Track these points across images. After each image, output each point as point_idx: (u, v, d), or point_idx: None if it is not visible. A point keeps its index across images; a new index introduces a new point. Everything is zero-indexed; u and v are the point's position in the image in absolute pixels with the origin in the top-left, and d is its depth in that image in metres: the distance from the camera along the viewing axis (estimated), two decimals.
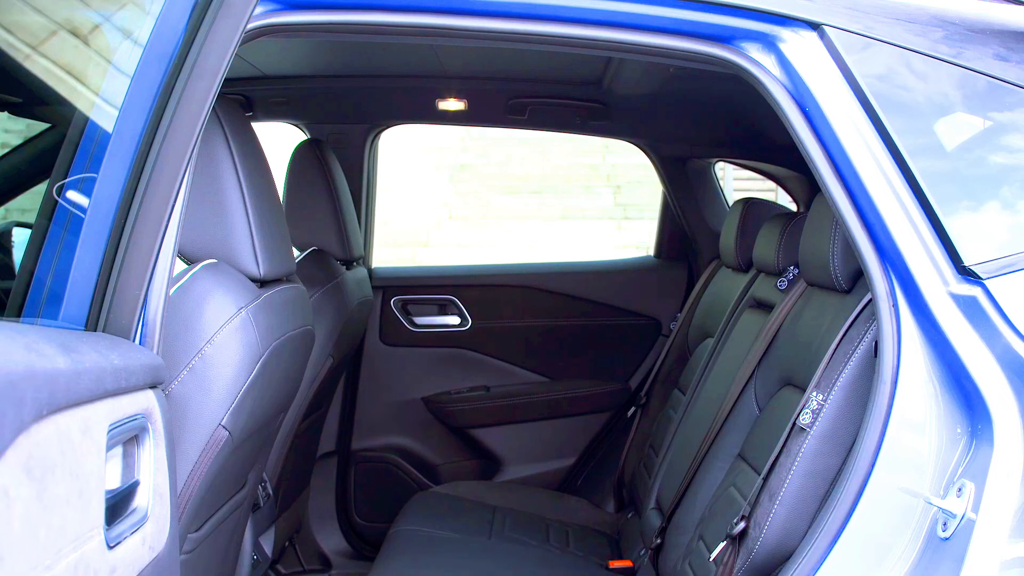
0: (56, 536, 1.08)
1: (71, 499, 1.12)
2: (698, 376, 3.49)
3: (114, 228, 1.72)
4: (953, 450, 1.89)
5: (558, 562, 3.29)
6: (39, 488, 1.04)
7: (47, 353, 1.08)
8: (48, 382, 1.06)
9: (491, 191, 12.46)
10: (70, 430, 1.15)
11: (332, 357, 3.33)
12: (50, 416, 1.09)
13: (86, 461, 1.19)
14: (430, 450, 4.48)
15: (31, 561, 1.00)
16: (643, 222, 11.47)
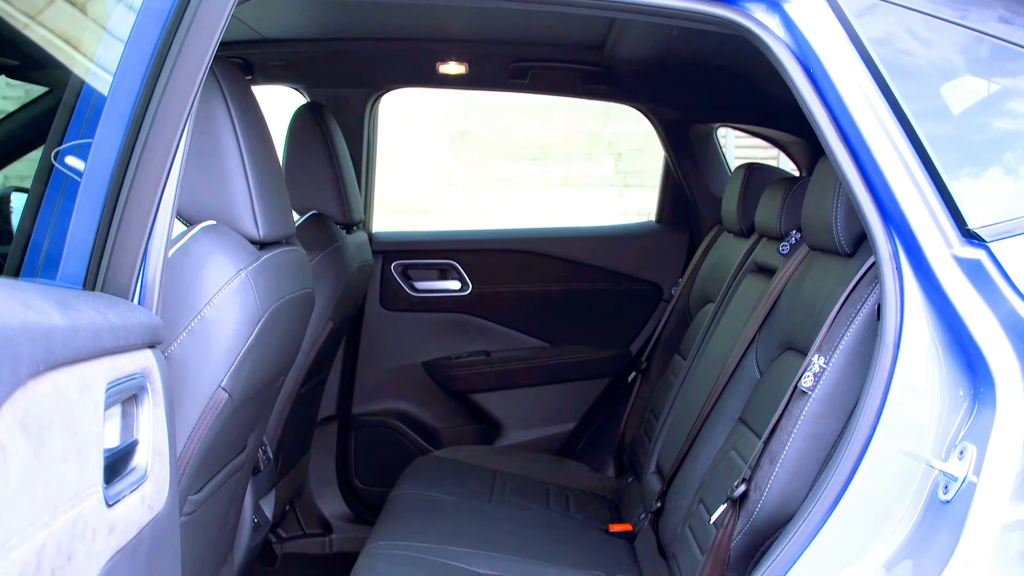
0: (54, 493, 1.07)
1: (69, 456, 1.12)
2: (699, 341, 3.48)
3: (111, 189, 1.71)
4: (955, 413, 1.88)
5: (558, 525, 3.30)
6: (36, 445, 1.03)
7: (44, 310, 1.07)
8: (45, 338, 1.05)
9: (492, 158, 12.42)
10: (68, 387, 1.14)
11: (332, 321, 3.32)
12: (47, 373, 1.08)
13: (84, 419, 1.18)
14: (430, 415, 4.48)
15: (28, 517, 1.00)
16: (644, 190, 11.44)
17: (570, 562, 2.95)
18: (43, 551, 1.03)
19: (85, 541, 1.15)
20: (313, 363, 3.30)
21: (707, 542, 2.41)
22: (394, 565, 2.72)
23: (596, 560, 3.01)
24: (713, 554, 2.28)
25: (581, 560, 2.98)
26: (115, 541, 1.27)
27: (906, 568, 1.84)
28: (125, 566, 1.34)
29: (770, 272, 3.04)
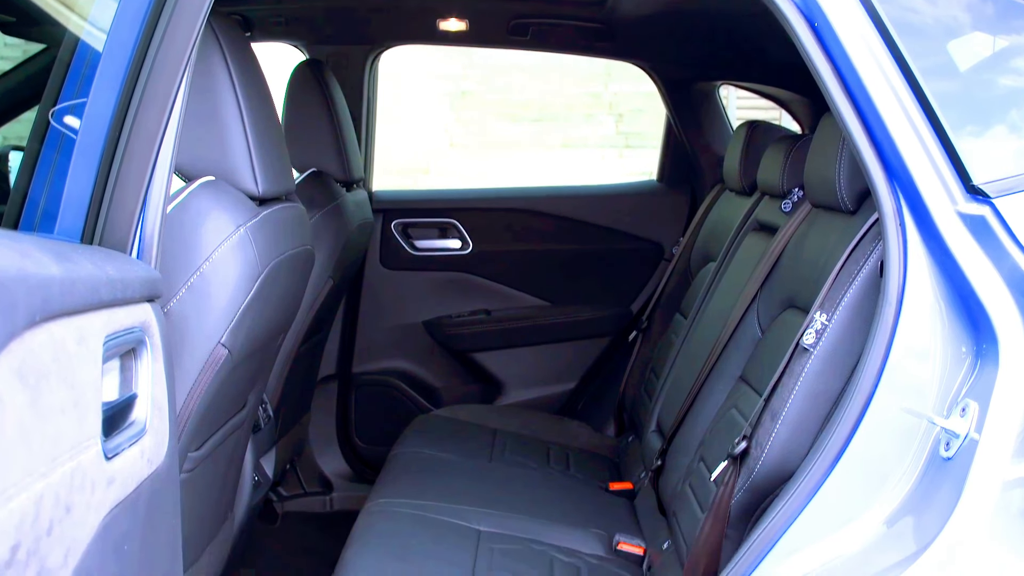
0: (51, 444, 1.06)
1: (66, 408, 1.11)
2: (700, 300, 3.47)
3: (107, 144, 1.69)
4: (957, 370, 1.88)
5: (558, 484, 3.30)
6: (33, 395, 1.03)
7: (41, 260, 1.06)
8: (41, 288, 1.04)
9: (492, 119, 12.38)
10: (65, 339, 1.13)
11: (332, 279, 3.31)
12: (43, 323, 1.07)
13: (82, 371, 1.17)
14: (431, 374, 4.48)
15: (25, 467, 0.99)
16: (645, 151, 11.39)
17: (570, 520, 2.95)
18: (41, 502, 1.03)
19: (84, 493, 1.15)
20: (313, 321, 3.30)
21: (707, 500, 2.41)
22: (395, 522, 2.72)
23: (596, 518, 3.02)
24: (713, 511, 2.28)
25: (581, 518, 2.99)
26: (114, 494, 1.27)
27: (907, 525, 1.84)
28: (124, 519, 1.34)
29: (772, 230, 3.02)
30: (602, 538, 2.87)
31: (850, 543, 1.90)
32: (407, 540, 2.62)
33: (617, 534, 2.88)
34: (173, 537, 1.66)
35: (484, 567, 2.53)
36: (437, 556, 2.55)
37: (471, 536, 2.71)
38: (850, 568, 1.87)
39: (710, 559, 2.25)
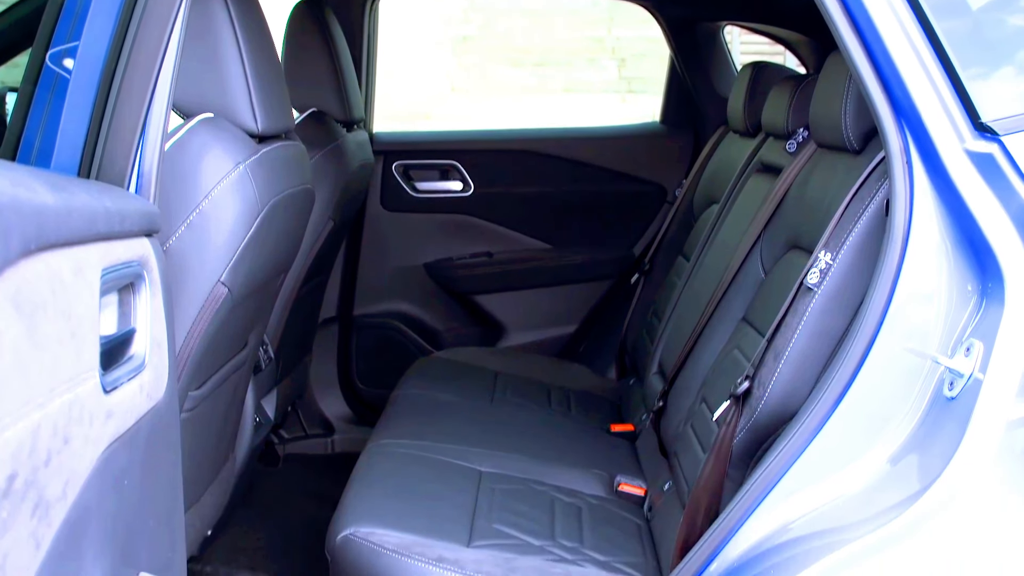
0: (48, 375, 1.05)
1: (63, 339, 1.10)
2: (702, 242, 3.45)
3: (102, 81, 1.67)
4: (963, 309, 1.86)
5: (560, 425, 3.31)
6: (29, 325, 1.01)
7: (35, 188, 1.04)
8: (36, 216, 1.03)
9: (494, 64, 12.31)
10: (61, 269, 1.12)
11: (333, 220, 3.30)
12: (39, 253, 1.05)
13: (79, 302, 1.16)
14: (432, 316, 4.47)
15: (22, 397, 0.98)
16: (648, 96, 11.32)
17: (571, 461, 2.96)
18: (38, 432, 1.02)
19: (82, 425, 1.14)
20: (314, 263, 3.29)
21: (709, 440, 2.41)
22: (396, 463, 2.72)
23: (597, 459, 3.02)
24: (715, 452, 2.28)
25: (582, 459, 2.99)
26: (113, 428, 1.26)
27: (910, 463, 1.83)
28: (124, 454, 1.33)
29: (776, 171, 3.00)
30: (603, 479, 2.87)
31: (853, 482, 1.89)
32: (408, 480, 2.62)
33: (618, 475, 2.88)
34: (174, 474, 1.65)
35: (485, 507, 2.53)
36: (438, 496, 2.55)
37: (472, 476, 2.71)
38: (853, 507, 1.87)
39: (711, 499, 2.25)
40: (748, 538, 1.95)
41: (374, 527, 2.30)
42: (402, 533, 2.29)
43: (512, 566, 2.23)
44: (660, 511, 2.68)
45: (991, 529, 1.75)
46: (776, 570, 1.87)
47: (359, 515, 2.36)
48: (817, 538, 1.87)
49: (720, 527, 1.97)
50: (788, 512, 1.93)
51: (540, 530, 2.47)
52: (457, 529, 2.38)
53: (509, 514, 2.51)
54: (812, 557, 1.83)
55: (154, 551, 1.56)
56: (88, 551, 1.26)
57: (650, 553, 2.51)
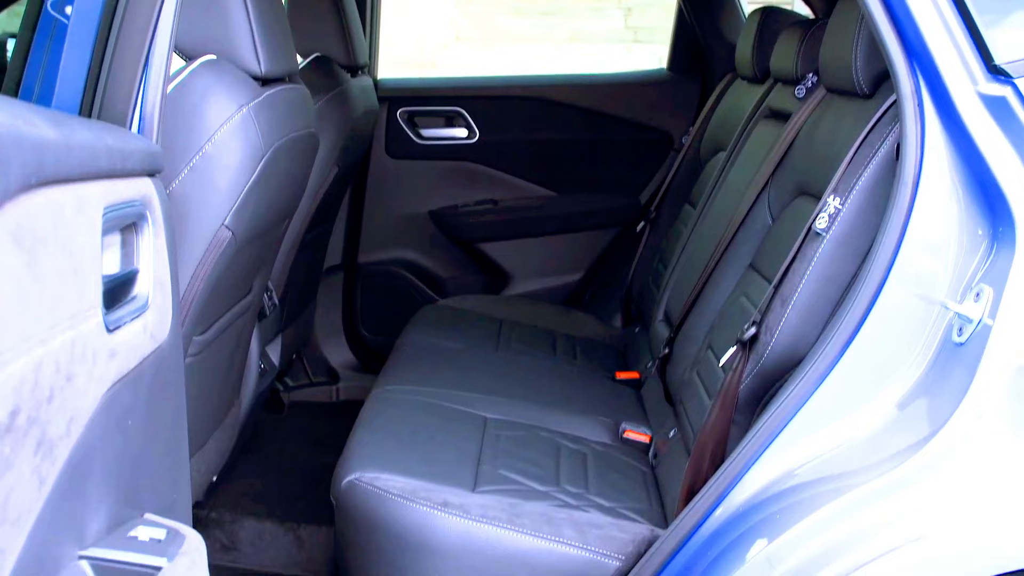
0: (50, 311, 1.04)
1: (65, 275, 1.09)
2: (709, 189, 3.43)
3: (103, 19, 1.65)
4: (973, 255, 1.84)
5: (565, 373, 3.30)
6: (29, 259, 1.00)
7: (35, 122, 1.02)
8: (36, 150, 1.01)
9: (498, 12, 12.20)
10: (62, 205, 1.10)
11: (337, 166, 3.28)
12: (40, 188, 1.04)
13: (80, 239, 1.15)
14: (437, 264, 4.46)
15: (23, 333, 0.97)
16: (654, 45, 11.23)
17: (576, 408, 2.95)
18: (41, 368, 1.01)
19: (85, 363, 1.13)
20: (318, 209, 3.27)
21: (715, 387, 2.40)
22: (401, 409, 2.72)
23: (602, 406, 3.02)
24: (721, 398, 2.27)
25: (587, 406, 2.99)
26: (116, 367, 1.25)
27: (918, 409, 1.82)
28: (127, 394, 1.32)
29: (784, 117, 2.97)
30: (608, 426, 2.87)
31: (860, 428, 1.89)
32: (413, 426, 2.62)
33: (623, 422, 2.88)
34: (178, 416, 1.65)
35: (490, 453, 2.53)
36: (443, 442, 2.55)
37: (477, 423, 2.71)
38: (860, 452, 1.86)
39: (717, 445, 2.25)
40: (754, 484, 1.95)
41: (379, 472, 2.30)
42: (407, 478, 2.29)
43: (517, 511, 2.23)
44: (665, 458, 2.67)
45: (999, 474, 1.74)
46: (782, 515, 1.87)
47: (364, 460, 2.36)
48: (823, 483, 1.87)
49: (725, 473, 1.96)
50: (794, 458, 1.93)
51: (545, 476, 2.47)
52: (462, 474, 2.38)
53: (514, 460, 2.51)
54: (818, 502, 1.83)
55: (159, 493, 1.56)
56: (92, 491, 1.25)
57: (655, 499, 2.51)
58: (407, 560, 2.21)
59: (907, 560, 1.74)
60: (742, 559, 1.85)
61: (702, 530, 1.98)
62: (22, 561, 1.06)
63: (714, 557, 1.91)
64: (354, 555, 2.33)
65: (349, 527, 2.32)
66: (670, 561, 2.00)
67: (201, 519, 3.08)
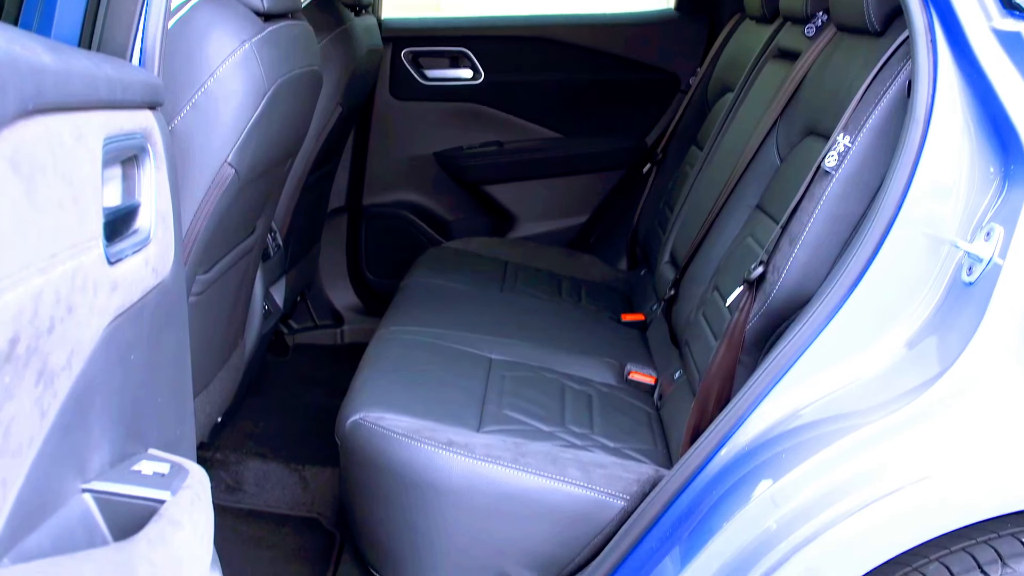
0: (49, 240, 1.02)
1: (65, 204, 1.07)
2: (716, 130, 3.40)
3: None
4: (984, 193, 1.82)
5: (570, 315, 3.29)
6: (28, 187, 0.98)
7: (32, 48, 1.00)
8: (33, 75, 0.99)
9: None
10: (61, 134, 1.08)
11: (341, 106, 3.25)
12: (38, 115, 1.02)
13: (80, 169, 1.13)
14: (442, 206, 4.43)
15: (22, 260, 0.96)
16: None
17: (581, 349, 2.95)
18: (40, 298, 0.99)
19: (86, 295, 1.11)
20: (322, 149, 3.25)
21: (721, 328, 2.39)
22: (405, 349, 2.71)
23: (608, 348, 3.01)
24: (727, 337, 2.26)
25: (593, 348, 2.98)
26: (118, 300, 1.24)
27: (927, 347, 1.81)
28: (130, 328, 1.31)
29: (793, 56, 2.93)
30: (613, 367, 2.87)
31: (867, 367, 1.88)
32: (418, 366, 2.61)
33: (628, 364, 2.87)
34: (181, 353, 1.64)
35: (495, 393, 2.52)
36: (448, 382, 2.55)
37: (482, 363, 2.70)
38: (866, 392, 1.85)
39: (723, 385, 2.24)
40: (759, 424, 1.94)
41: (383, 412, 2.30)
42: (411, 418, 2.29)
43: (522, 451, 2.23)
44: (670, 399, 2.67)
45: (1007, 413, 1.74)
46: (787, 455, 1.86)
47: (368, 400, 2.35)
48: (829, 423, 1.86)
49: (731, 413, 1.96)
50: (800, 398, 1.92)
51: (550, 416, 2.46)
52: (467, 414, 2.38)
53: (519, 400, 2.50)
54: (824, 442, 1.83)
55: (163, 429, 1.55)
56: (95, 424, 1.24)
57: (660, 440, 2.51)
58: (411, 499, 2.21)
59: (912, 500, 1.74)
60: (747, 499, 1.85)
61: (707, 470, 1.98)
62: (24, 492, 1.06)
63: (719, 497, 1.91)
64: (358, 495, 2.33)
65: (353, 467, 2.32)
66: (675, 501, 2.00)
67: (206, 460, 3.08)
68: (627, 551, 2.02)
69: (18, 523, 1.06)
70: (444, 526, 2.20)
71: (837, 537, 1.75)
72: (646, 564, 1.98)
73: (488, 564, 2.21)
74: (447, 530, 2.21)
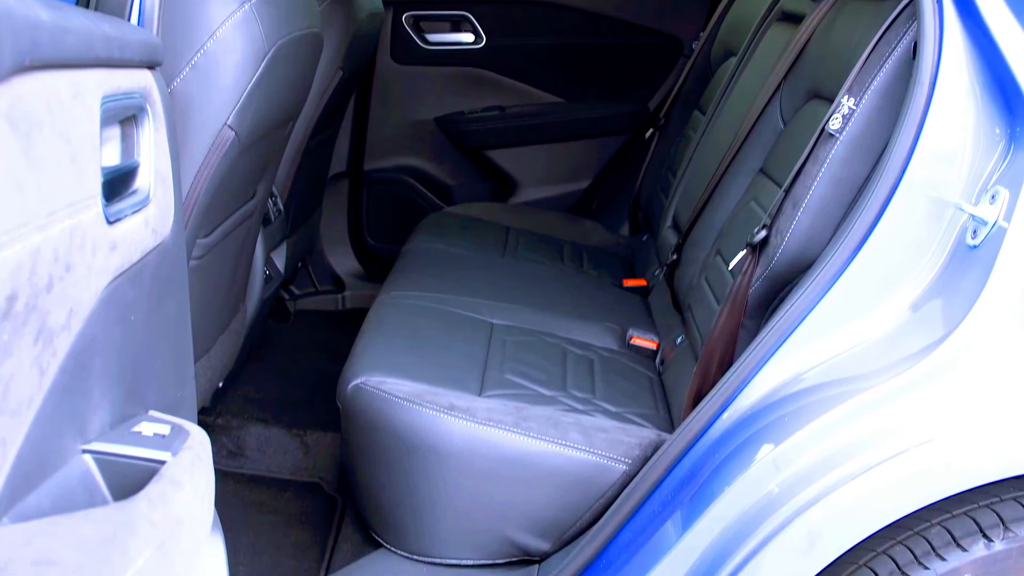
0: (47, 197, 1.01)
1: (63, 162, 1.06)
2: (720, 95, 3.38)
3: None
4: (989, 156, 1.81)
5: (572, 280, 3.28)
6: (25, 143, 0.97)
7: (28, 3, 0.99)
8: (29, 30, 0.98)
9: None
10: (58, 91, 1.07)
11: (342, 70, 3.23)
12: (34, 72, 1.01)
13: (78, 126, 1.12)
14: (443, 171, 4.42)
15: (20, 217, 0.95)
16: None
17: (583, 314, 2.94)
18: (39, 255, 0.98)
19: (85, 254, 1.11)
20: (323, 114, 3.23)
21: (724, 292, 2.38)
22: (407, 314, 2.71)
23: (609, 313, 3.00)
24: (730, 301, 2.25)
25: (594, 313, 2.98)
26: (117, 260, 1.23)
27: (931, 311, 1.80)
28: (129, 289, 1.30)
29: (798, 19, 2.91)
30: (615, 332, 2.86)
31: (870, 331, 1.87)
32: (419, 331, 2.60)
33: (630, 329, 2.87)
34: (182, 315, 1.63)
35: (497, 358, 2.52)
36: (450, 347, 2.54)
37: (484, 328, 2.69)
38: (869, 356, 1.85)
39: (725, 349, 2.23)
40: (762, 387, 1.94)
41: (385, 376, 2.29)
42: (413, 382, 2.28)
43: (524, 415, 2.22)
44: (672, 364, 2.67)
45: (1011, 377, 1.73)
46: (789, 419, 1.86)
47: (370, 364, 2.35)
48: (832, 387, 1.86)
49: (733, 377, 1.95)
50: (803, 361, 1.91)
51: (552, 381, 2.46)
52: (468, 379, 2.37)
53: (521, 365, 2.50)
54: (826, 406, 1.82)
55: (163, 391, 1.54)
56: (95, 385, 1.24)
57: (661, 405, 2.50)
58: (412, 463, 2.21)
59: (914, 464, 1.73)
60: (749, 463, 1.84)
61: (709, 434, 1.97)
62: (23, 452, 1.05)
63: (721, 461, 1.91)
64: (360, 459, 2.33)
65: (355, 431, 2.32)
66: (676, 465, 1.99)
67: (207, 425, 3.07)
68: (628, 515, 2.02)
69: (17, 483, 1.06)
70: (446, 490, 2.20)
71: (839, 501, 1.75)
72: (648, 528, 1.98)
73: (489, 528, 2.22)
74: (448, 494, 2.21)
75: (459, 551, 2.25)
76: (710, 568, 1.83)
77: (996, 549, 1.76)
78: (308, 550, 2.64)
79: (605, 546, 2.03)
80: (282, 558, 2.58)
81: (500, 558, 2.25)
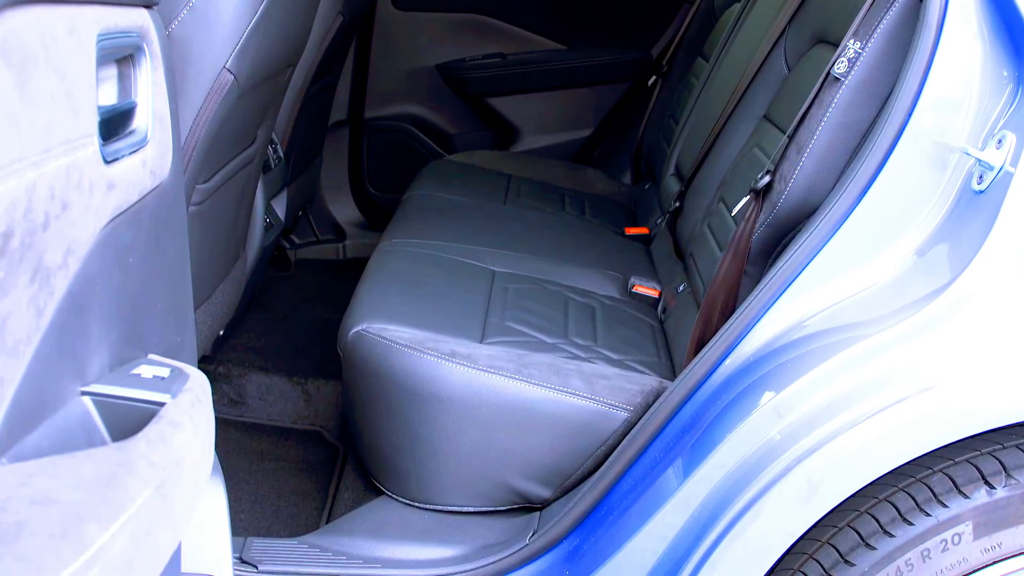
0: (42, 133, 1.00)
1: (58, 99, 1.04)
2: (723, 41, 3.35)
3: None
4: (996, 100, 1.79)
5: (573, 228, 3.27)
6: (19, 78, 0.96)
7: None
8: None
9: None
10: (53, 26, 1.05)
11: (342, 15, 3.20)
12: (28, 5, 0.99)
13: (74, 63, 1.10)
14: (444, 119, 4.39)
15: (14, 153, 0.93)
16: None
17: (585, 262, 2.93)
18: (34, 191, 0.97)
19: (82, 193, 1.09)
20: (323, 60, 3.20)
21: (726, 239, 2.37)
22: (408, 262, 2.70)
23: (611, 261, 2.99)
24: (733, 248, 2.23)
25: (596, 261, 2.96)
26: (115, 200, 1.21)
27: (937, 255, 1.79)
28: (127, 230, 1.29)
29: None
30: (617, 280, 2.85)
31: (874, 277, 1.85)
32: (420, 278, 2.59)
33: (632, 276, 2.85)
34: (181, 258, 1.61)
35: (499, 305, 2.51)
36: (450, 294, 2.53)
37: (485, 276, 2.68)
38: (873, 302, 1.83)
39: (728, 296, 2.22)
40: (764, 334, 1.93)
41: (386, 323, 2.29)
42: (414, 329, 2.27)
43: (525, 362, 2.22)
44: (674, 312, 2.66)
45: (1016, 323, 1.72)
46: (791, 365, 1.85)
47: (371, 311, 2.34)
48: (834, 334, 1.85)
49: (735, 323, 1.94)
50: (806, 308, 1.90)
51: (553, 328, 2.45)
52: (470, 326, 2.37)
53: (522, 312, 2.49)
54: (828, 352, 1.81)
55: (163, 335, 1.53)
56: (93, 327, 1.23)
57: (663, 353, 2.50)
58: (414, 410, 2.20)
59: (917, 410, 1.73)
60: (750, 410, 1.84)
61: (711, 380, 1.96)
62: (22, 393, 1.04)
63: (723, 407, 1.90)
64: (361, 406, 2.33)
65: (356, 378, 2.31)
66: (678, 411, 1.99)
67: (208, 373, 3.05)
68: (630, 462, 2.01)
69: (16, 423, 1.05)
70: (447, 437, 2.20)
71: (840, 447, 1.74)
72: (649, 475, 1.98)
73: (491, 475, 2.22)
74: (450, 441, 2.20)
75: (460, 498, 2.25)
76: (711, 515, 1.83)
77: (998, 496, 1.76)
78: (309, 498, 2.64)
79: (606, 493, 2.02)
80: (283, 505, 2.58)
81: (501, 505, 2.25)
